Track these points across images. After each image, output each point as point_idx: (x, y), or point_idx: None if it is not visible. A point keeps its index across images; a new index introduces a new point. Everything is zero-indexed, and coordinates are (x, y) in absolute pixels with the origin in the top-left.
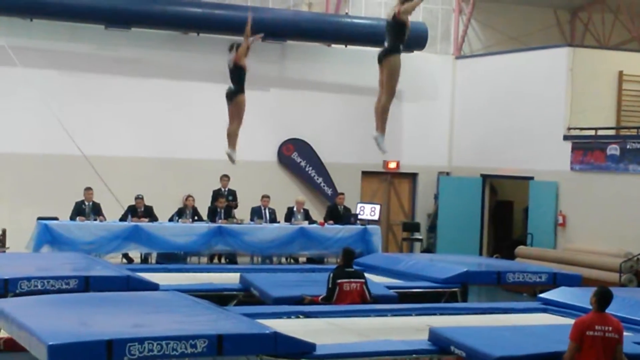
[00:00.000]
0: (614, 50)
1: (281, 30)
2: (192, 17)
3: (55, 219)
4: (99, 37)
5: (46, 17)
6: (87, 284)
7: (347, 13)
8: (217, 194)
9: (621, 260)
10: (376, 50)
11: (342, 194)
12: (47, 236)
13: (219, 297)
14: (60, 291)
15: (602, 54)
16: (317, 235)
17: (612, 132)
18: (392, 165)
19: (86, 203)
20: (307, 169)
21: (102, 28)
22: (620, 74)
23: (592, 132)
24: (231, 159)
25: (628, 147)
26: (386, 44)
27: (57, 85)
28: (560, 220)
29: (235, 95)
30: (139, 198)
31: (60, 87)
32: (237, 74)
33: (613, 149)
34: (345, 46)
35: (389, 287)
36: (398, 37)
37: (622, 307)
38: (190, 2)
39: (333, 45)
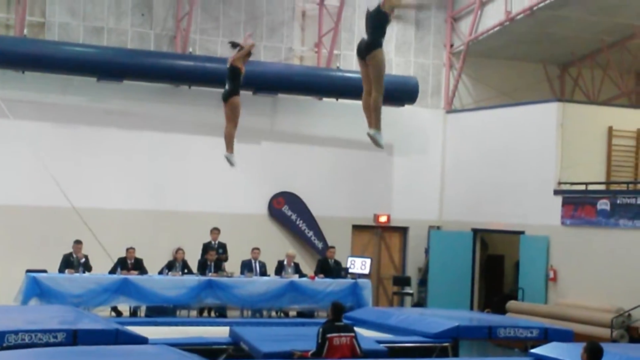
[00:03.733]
0: (604, 105)
1: (272, 83)
2: (184, 70)
3: (44, 271)
4: (91, 89)
5: (38, 70)
6: (75, 338)
7: (338, 67)
8: (207, 247)
9: (612, 316)
10: None
11: (333, 247)
12: (36, 289)
13: (208, 351)
14: (47, 345)
15: (592, 109)
16: (307, 289)
17: (602, 187)
18: (383, 219)
19: (74, 256)
20: (297, 222)
21: (93, 81)
22: (610, 129)
23: (583, 187)
24: (230, 162)
25: (618, 202)
26: (367, 38)
27: (48, 138)
28: (552, 275)
29: (230, 97)
30: (130, 249)
31: (52, 139)
32: (233, 75)
33: (603, 204)
34: (337, 100)
35: (380, 342)
36: (379, 31)
37: None
38: (181, 55)
39: (324, 99)
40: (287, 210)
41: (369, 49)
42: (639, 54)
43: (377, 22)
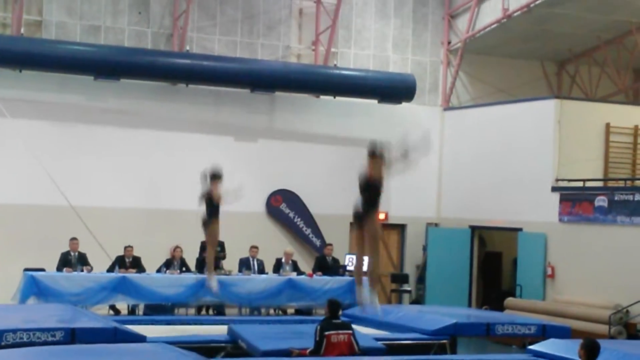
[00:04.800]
0: (601, 102)
1: (270, 81)
2: (181, 68)
3: (42, 270)
4: (88, 88)
5: (35, 69)
6: (73, 336)
7: (335, 64)
8: (205, 245)
9: (610, 312)
10: (364, 102)
11: (331, 244)
12: (34, 287)
13: (206, 349)
14: (46, 343)
15: (589, 106)
16: (305, 287)
17: (600, 184)
18: (381, 216)
19: (72, 253)
20: (295, 220)
21: (91, 79)
22: (608, 125)
23: (580, 184)
24: (211, 287)
25: (616, 198)
26: (362, 208)
27: (46, 136)
28: (549, 271)
29: (209, 221)
30: (128, 247)
31: (49, 137)
32: (213, 207)
33: (601, 201)
34: (334, 97)
35: (377, 339)
36: (374, 200)
37: None
38: (178, 54)
39: (322, 97)
40: (285, 208)
41: (367, 216)
42: (636, 50)
43: (370, 193)
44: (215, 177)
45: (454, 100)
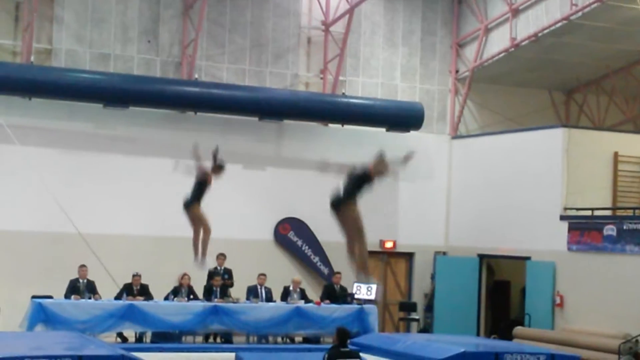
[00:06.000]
0: (609, 131)
1: (278, 109)
2: (189, 96)
3: (50, 297)
4: (97, 116)
5: (45, 97)
6: None
7: (343, 93)
8: (213, 273)
9: (620, 342)
10: (373, 131)
11: (339, 273)
12: (41, 315)
13: None
14: None
15: (597, 135)
16: (313, 315)
17: (608, 213)
18: (389, 244)
19: (80, 281)
20: (303, 248)
21: (100, 107)
22: (616, 154)
23: (589, 213)
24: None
25: (625, 227)
26: (342, 193)
27: (54, 164)
28: (558, 300)
29: (190, 206)
30: (136, 275)
31: (58, 165)
32: (201, 189)
33: (610, 230)
34: (342, 126)
35: None
36: (358, 189)
37: None
38: (187, 82)
39: (330, 125)
40: (293, 236)
41: (343, 203)
42: None
43: (360, 182)
44: (220, 168)
45: (462, 128)
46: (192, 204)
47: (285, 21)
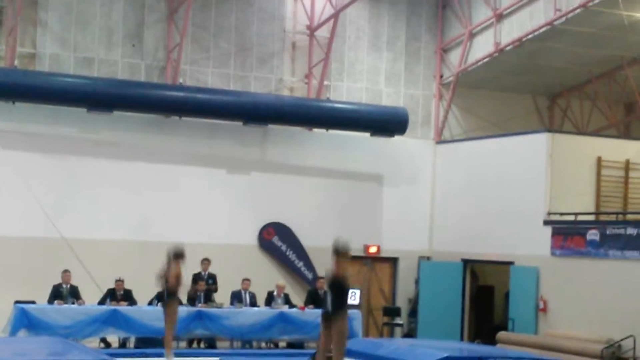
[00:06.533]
0: (593, 136)
1: (263, 114)
2: (174, 101)
3: (33, 302)
4: (81, 120)
5: (29, 101)
6: None
7: (328, 98)
8: (197, 278)
9: (603, 347)
10: (357, 135)
11: (323, 277)
12: (24, 320)
13: None
14: None
15: (580, 139)
16: (297, 320)
17: (592, 218)
18: (373, 249)
19: (64, 286)
20: (287, 253)
21: (84, 111)
22: (599, 159)
23: (572, 218)
24: None
25: (608, 232)
26: (330, 307)
27: (38, 168)
28: (541, 305)
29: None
30: (119, 280)
31: (42, 169)
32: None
33: (593, 234)
34: (327, 130)
35: None
36: (342, 298)
37: None
38: (171, 86)
39: (314, 130)
40: (277, 241)
41: (333, 315)
42: (627, 85)
43: (338, 292)
44: (178, 256)
45: (446, 133)
46: (168, 300)
47: (270, 26)
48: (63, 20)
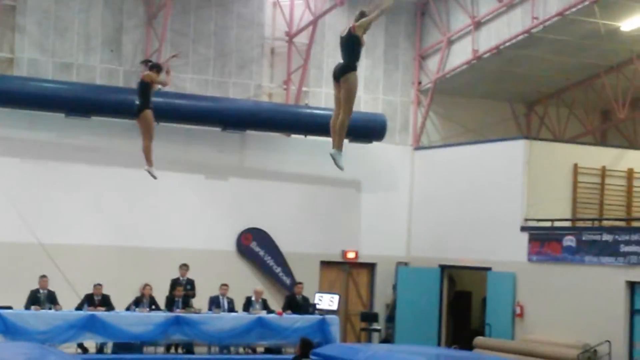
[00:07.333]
0: (569, 143)
1: (241, 120)
2: (153, 106)
3: (10, 307)
4: (59, 125)
5: (6, 106)
6: None
7: (307, 104)
8: (175, 283)
9: (579, 352)
10: None
11: (301, 283)
12: (1, 325)
13: None
14: None
15: (557, 146)
16: (275, 325)
17: (568, 224)
18: (351, 255)
19: (41, 291)
20: (265, 259)
21: (62, 116)
22: (576, 166)
23: (549, 224)
24: (152, 175)
25: (584, 238)
26: (343, 61)
27: (16, 173)
28: (518, 310)
29: (140, 111)
30: (97, 285)
31: (19, 174)
32: (143, 89)
33: (569, 240)
34: (305, 136)
35: None
36: (354, 54)
37: None
38: None
39: (293, 136)
40: (256, 247)
41: (343, 71)
42: (603, 92)
43: (351, 46)
44: (155, 67)
45: (424, 139)
46: (142, 109)
47: (248, 32)
48: (41, 25)
